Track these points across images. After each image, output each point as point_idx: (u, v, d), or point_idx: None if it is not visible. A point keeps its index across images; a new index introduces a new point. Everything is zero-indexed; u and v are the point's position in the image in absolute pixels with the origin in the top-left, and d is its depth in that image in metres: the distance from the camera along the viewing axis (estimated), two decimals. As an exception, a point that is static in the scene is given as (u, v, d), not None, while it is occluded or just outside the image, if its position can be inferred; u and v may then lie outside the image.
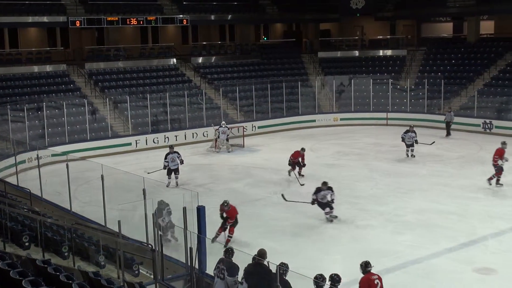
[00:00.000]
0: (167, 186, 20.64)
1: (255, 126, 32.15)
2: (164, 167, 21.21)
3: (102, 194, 15.06)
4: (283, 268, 9.65)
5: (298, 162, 21.98)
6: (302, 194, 18.95)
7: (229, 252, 10.31)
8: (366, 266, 10.18)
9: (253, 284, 9.68)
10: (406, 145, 24.74)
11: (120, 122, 29.82)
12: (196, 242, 11.09)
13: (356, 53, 40.16)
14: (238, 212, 15.54)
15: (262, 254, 10.04)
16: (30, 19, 32.04)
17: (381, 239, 15.36)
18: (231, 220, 15.36)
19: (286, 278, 9.70)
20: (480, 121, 30.81)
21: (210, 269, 10.80)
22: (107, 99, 30.09)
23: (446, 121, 29.85)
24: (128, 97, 30.27)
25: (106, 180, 15.18)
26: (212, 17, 37.62)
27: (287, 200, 17.94)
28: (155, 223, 11.95)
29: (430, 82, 34.18)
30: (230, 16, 38.10)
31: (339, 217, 17.21)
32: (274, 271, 9.45)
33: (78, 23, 32.22)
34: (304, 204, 18.81)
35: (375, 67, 38.50)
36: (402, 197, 19.32)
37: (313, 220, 17.29)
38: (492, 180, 19.81)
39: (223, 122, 28.11)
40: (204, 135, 29.68)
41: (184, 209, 11.11)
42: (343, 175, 22.43)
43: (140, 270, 11.58)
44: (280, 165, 24.32)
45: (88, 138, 27.87)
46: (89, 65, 33.05)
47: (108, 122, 29.11)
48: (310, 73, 38.05)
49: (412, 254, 14.23)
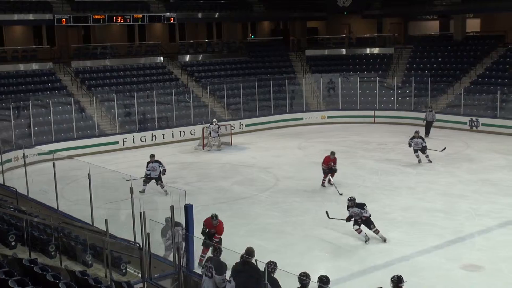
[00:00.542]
0: (140, 192, 18.65)
1: (242, 124, 32.12)
2: (146, 176, 19.76)
3: (89, 193, 14.99)
4: (272, 266, 9.66)
5: (332, 168, 20.33)
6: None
7: (217, 250, 10.31)
8: (399, 281, 9.59)
9: (241, 283, 9.69)
10: (414, 150, 23.68)
11: (107, 121, 29.68)
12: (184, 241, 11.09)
13: (344, 51, 40.22)
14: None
15: (250, 252, 10.05)
16: (16, 17, 31.79)
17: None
18: (218, 235, 13.56)
19: (275, 276, 9.72)
20: (466, 118, 30.96)
21: (198, 267, 10.80)
22: (94, 97, 29.93)
23: (426, 120, 29.29)
24: (115, 95, 30.14)
25: (93, 178, 15.11)
26: (199, 15, 37.54)
27: (330, 218, 16.16)
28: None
29: (417, 80, 34.29)
30: (217, 14, 38.04)
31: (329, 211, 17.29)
32: (262, 269, 9.46)
33: (64, 21, 32.01)
34: (293, 202, 18.86)
35: (362, 65, 38.58)
36: (389, 194, 19.38)
37: (300, 218, 17.31)
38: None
39: (214, 120, 28.08)
40: (191, 133, 29.61)
41: (172, 207, 11.09)
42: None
43: (128, 269, 11.54)
44: (268, 163, 24.37)
45: (75, 137, 27.69)
46: (75, 63, 32.84)
47: (95, 120, 28.95)
48: (298, 71, 38.09)
49: (399, 252, 14.28)
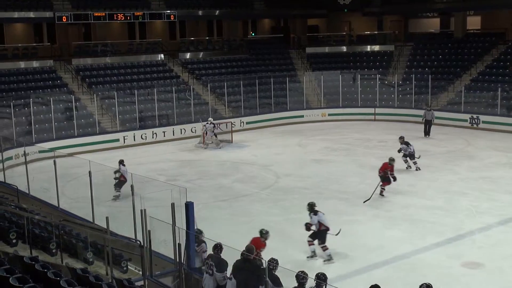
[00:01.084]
0: (113, 198, 18.54)
1: (243, 122, 32.13)
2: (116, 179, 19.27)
3: (90, 190, 15.02)
4: (273, 263, 9.68)
5: (387, 176, 18.85)
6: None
7: (217, 248, 10.32)
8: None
9: (242, 280, 9.71)
10: (403, 154, 22.70)
11: (108, 118, 29.70)
12: (184, 238, 11.10)
13: (344, 48, 40.23)
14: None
15: (250, 249, 10.06)
16: (16, 15, 31.79)
17: (368, 234, 15.42)
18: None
19: (276, 274, 9.74)
20: (467, 116, 30.96)
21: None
22: (95, 95, 29.96)
23: (425, 119, 28.67)
24: (115, 93, 30.15)
25: (94, 176, 15.14)
26: (200, 12, 37.52)
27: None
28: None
29: (417, 77, 34.31)
30: (217, 11, 38.01)
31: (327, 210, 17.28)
32: (263, 266, 9.48)
33: (64, 19, 32.03)
34: (294, 200, 18.86)
35: (362, 62, 38.58)
36: (389, 192, 19.36)
37: (301, 215, 17.31)
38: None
39: (210, 119, 28.08)
40: (192, 131, 29.60)
41: (173, 205, 11.10)
42: (331, 171, 22.49)
43: (129, 267, 11.57)
44: (268, 160, 24.39)
45: (76, 134, 27.73)
46: (76, 60, 32.85)
47: (95, 118, 28.96)
48: (298, 68, 38.08)
49: (399, 249, 14.29)
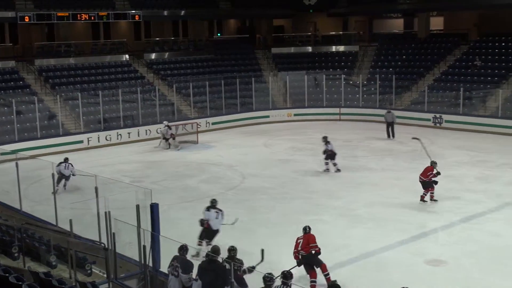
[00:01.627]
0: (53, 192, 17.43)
1: (209, 123, 32.06)
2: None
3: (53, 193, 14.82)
4: (238, 264, 9.69)
5: (427, 181, 17.99)
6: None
7: (183, 249, 10.29)
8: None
9: (208, 281, 9.69)
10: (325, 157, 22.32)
11: (72, 120, 29.35)
12: (149, 240, 11.03)
13: (309, 49, 40.45)
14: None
15: (215, 250, 10.06)
16: (-23, 15, 31.27)
17: (333, 233, 15.51)
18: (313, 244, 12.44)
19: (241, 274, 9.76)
20: (430, 115, 31.40)
21: (164, 267, 10.76)
22: (58, 96, 29.59)
23: (387, 121, 28.47)
24: (79, 94, 29.81)
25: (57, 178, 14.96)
26: (165, 12, 37.30)
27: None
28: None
29: (381, 77, 34.68)
30: (183, 12, 37.85)
31: (293, 210, 17.38)
32: (228, 267, 9.49)
33: (27, 19, 31.52)
34: (260, 200, 18.89)
35: (328, 62, 38.84)
36: (354, 191, 19.56)
37: (267, 215, 17.37)
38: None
39: (165, 122, 27.96)
40: (157, 132, 29.37)
41: (137, 206, 11.03)
42: (296, 170, 22.59)
43: (93, 270, 11.45)
44: (234, 161, 24.38)
45: (39, 136, 27.30)
46: (39, 61, 32.39)
47: (59, 119, 28.59)
48: (264, 69, 38.16)
49: (364, 248, 14.41)
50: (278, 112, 34.73)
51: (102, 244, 11.39)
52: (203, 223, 14.26)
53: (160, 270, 11.15)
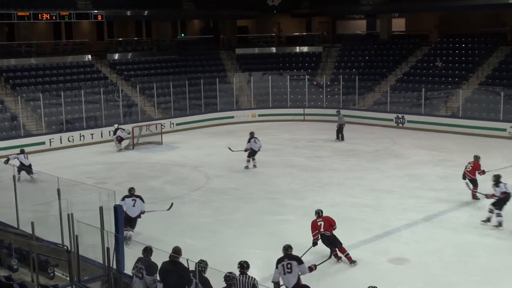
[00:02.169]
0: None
1: (173, 123, 31.91)
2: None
3: (14, 195, 14.56)
4: (202, 265, 9.67)
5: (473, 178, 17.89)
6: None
7: (147, 251, 10.22)
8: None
9: (172, 282, 9.64)
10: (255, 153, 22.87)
11: (33, 121, 28.91)
12: (113, 242, 10.93)
13: (273, 49, 40.59)
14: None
15: (177, 251, 9.97)
16: None
17: (299, 233, 15.54)
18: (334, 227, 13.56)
19: (205, 275, 9.73)
20: (393, 116, 31.79)
21: (128, 269, 10.67)
22: (19, 96, 29.10)
23: (338, 124, 28.46)
24: (41, 94, 29.37)
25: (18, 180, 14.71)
26: (128, 12, 36.98)
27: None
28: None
29: (345, 78, 34.98)
30: (146, 12, 37.58)
31: (258, 211, 17.42)
32: (193, 268, 9.45)
33: (-14, 18, 31.01)
34: (225, 200, 18.88)
35: (292, 63, 39.02)
36: (319, 191, 19.68)
37: (232, 216, 17.37)
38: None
39: (115, 125, 27.91)
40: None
41: (101, 208, 10.91)
42: (261, 171, 22.64)
43: (56, 273, 11.29)
44: (199, 162, 24.32)
45: (-1, 138, 26.90)
46: (-1, 61, 31.89)
47: (20, 120, 28.13)
48: (228, 69, 38.15)
49: (327, 248, 14.50)
50: (242, 112, 34.75)
51: (65, 247, 11.23)
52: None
53: (124, 272, 11.06)
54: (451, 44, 35.64)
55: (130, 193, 15.40)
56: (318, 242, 13.48)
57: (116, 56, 36.09)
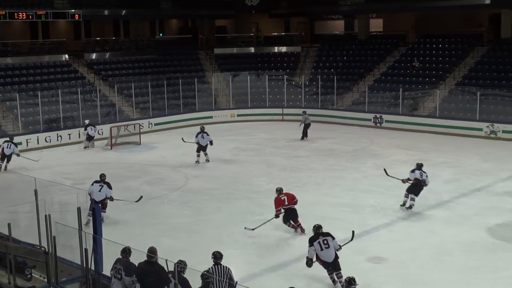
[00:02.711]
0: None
1: (151, 123, 31.77)
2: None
3: (-10, 196, 14.42)
4: (181, 265, 9.65)
5: None
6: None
7: (126, 251, 10.18)
8: (350, 284, 10.07)
9: (150, 283, 9.61)
10: (197, 149, 23.68)
11: (10, 121, 28.59)
12: (91, 243, 10.86)
13: (252, 49, 40.61)
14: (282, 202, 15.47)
15: (153, 251, 9.94)
16: None
17: (277, 234, 15.62)
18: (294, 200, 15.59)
19: (185, 276, 9.71)
20: (371, 115, 31.98)
21: (107, 270, 10.62)
22: (-5, 96, 28.84)
23: (304, 123, 28.61)
24: (17, 94, 29.07)
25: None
26: (106, 12, 36.70)
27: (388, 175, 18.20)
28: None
29: (323, 78, 35.11)
30: (124, 11, 37.34)
31: (237, 211, 17.42)
32: (172, 268, 9.42)
33: (-39, 17, 30.59)
34: (204, 201, 18.85)
35: (270, 63, 39.06)
36: (297, 191, 19.54)
37: (211, 216, 17.35)
38: None
39: (86, 121, 27.99)
40: (99, 133, 28.88)
41: (79, 209, 10.84)
42: (240, 171, 22.66)
43: (33, 274, 11.20)
44: (178, 162, 24.25)
45: (-25, 138, 26.55)
46: (-26, 61, 31.50)
47: (-4, 120, 27.87)
48: (207, 69, 38.09)
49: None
50: (221, 112, 34.71)
51: (42, 248, 11.14)
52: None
53: (103, 273, 11.00)
54: (428, 45, 35.95)
55: (101, 179, 16.49)
56: (280, 216, 15.35)
57: (93, 55, 35.83)
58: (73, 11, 34.11)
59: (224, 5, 40.54)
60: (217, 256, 10.26)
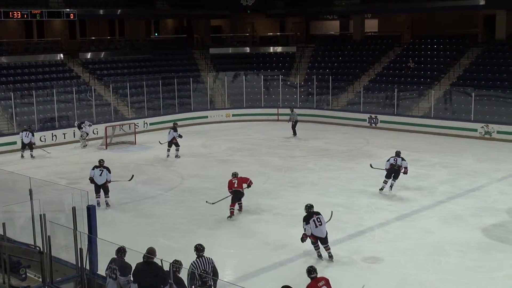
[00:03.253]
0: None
1: (146, 123, 31.74)
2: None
3: (-15, 195, 14.38)
4: (177, 265, 9.63)
5: None
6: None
7: (121, 251, 10.15)
8: (310, 272, 10.34)
9: (146, 283, 9.59)
10: (168, 143, 24.82)
11: (4, 120, 28.52)
12: (86, 243, 10.83)
13: (247, 49, 40.59)
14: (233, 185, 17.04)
15: (151, 252, 9.94)
16: None
17: (273, 233, 15.62)
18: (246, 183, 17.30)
19: (180, 276, 9.70)
20: (366, 116, 32.01)
21: (102, 270, 10.59)
22: (-11, 96, 28.76)
23: (291, 121, 29.32)
24: (12, 94, 29.00)
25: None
26: (101, 11, 36.63)
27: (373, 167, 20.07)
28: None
29: (318, 78, 35.13)
30: (119, 10, 37.28)
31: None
32: (167, 268, 9.41)
33: (-45, 16, 30.47)
34: (200, 200, 18.82)
35: (266, 63, 39.07)
36: (293, 191, 19.74)
37: (205, 216, 17.33)
38: None
39: (86, 121, 28.11)
40: (94, 133, 28.87)
41: (74, 209, 10.81)
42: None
43: (28, 274, 11.15)
44: (173, 161, 24.23)
45: (-31, 137, 26.49)
46: (-31, 60, 31.40)
47: (-10, 120, 27.79)
48: (202, 69, 38.06)
49: (302, 247, 14.54)
50: (216, 112, 34.71)
51: (37, 248, 11.10)
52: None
53: (98, 273, 10.98)
54: (423, 45, 36.01)
55: (100, 164, 18.08)
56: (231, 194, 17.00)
57: (88, 55, 35.77)
58: (68, 10, 34.03)
59: (220, 5, 40.50)
60: (199, 249, 10.59)
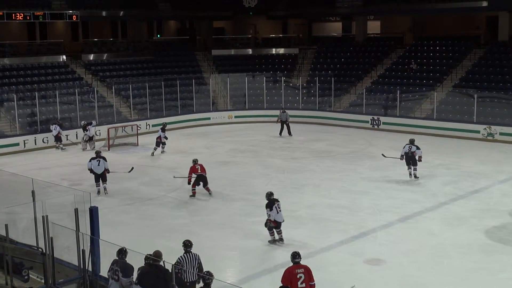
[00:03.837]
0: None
1: (149, 125, 31.74)
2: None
3: (-12, 197, 14.39)
4: (179, 267, 9.64)
5: None
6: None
7: (122, 252, 10.16)
8: (294, 257, 10.55)
9: (149, 285, 9.60)
10: (157, 143, 25.93)
11: (7, 122, 28.55)
12: (89, 244, 10.85)
13: (250, 51, 40.58)
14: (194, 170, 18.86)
15: (158, 255, 9.96)
16: None
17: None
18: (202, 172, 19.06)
19: (182, 277, 9.71)
20: (368, 117, 31.99)
21: (104, 271, 10.60)
22: (-8, 97, 28.79)
23: (281, 121, 29.66)
24: (14, 95, 29.04)
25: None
26: (103, 13, 36.66)
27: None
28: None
29: (321, 80, 35.12)
30: (122, 12, 37.31)
31: (234, 212, 17.42)
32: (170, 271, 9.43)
33: (-42, 18, 30.52)
34: (202, 202, 18.83)
35: (268, 65, 39.06)
36: (295, 192, 19.73)
37: (208, 217, 17.35)
38: None
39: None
40: (96, 134, 28.89)
41: (76, 210, 10.83)
42: (238, 172, 22.64)
43: (30, 275, 11.18)
44: (175, 163, 24.23)
45: (-28, 139, 26.51)
46: (-28, 61, 31.43)
47: (-7, 121, 27.82)
48: (204, 70, 38.07)
49: (305, 248, 14.51)
50: (219, 114, 34.71)
51: (40, 249, 11.11)
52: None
53: (100, 274, 10.99)
54: (426, 47, 35.97)
55: (97, 155, 19.58)
56: (192, 181, 18.86)
57: (91, 56, 35.80)
58: (71, 12, 34.07)
59: (222, 6, 40.56)
60: (187, 245, 10.82)
